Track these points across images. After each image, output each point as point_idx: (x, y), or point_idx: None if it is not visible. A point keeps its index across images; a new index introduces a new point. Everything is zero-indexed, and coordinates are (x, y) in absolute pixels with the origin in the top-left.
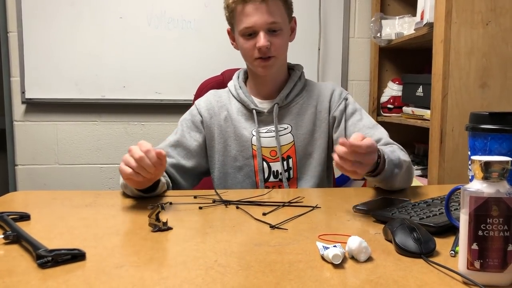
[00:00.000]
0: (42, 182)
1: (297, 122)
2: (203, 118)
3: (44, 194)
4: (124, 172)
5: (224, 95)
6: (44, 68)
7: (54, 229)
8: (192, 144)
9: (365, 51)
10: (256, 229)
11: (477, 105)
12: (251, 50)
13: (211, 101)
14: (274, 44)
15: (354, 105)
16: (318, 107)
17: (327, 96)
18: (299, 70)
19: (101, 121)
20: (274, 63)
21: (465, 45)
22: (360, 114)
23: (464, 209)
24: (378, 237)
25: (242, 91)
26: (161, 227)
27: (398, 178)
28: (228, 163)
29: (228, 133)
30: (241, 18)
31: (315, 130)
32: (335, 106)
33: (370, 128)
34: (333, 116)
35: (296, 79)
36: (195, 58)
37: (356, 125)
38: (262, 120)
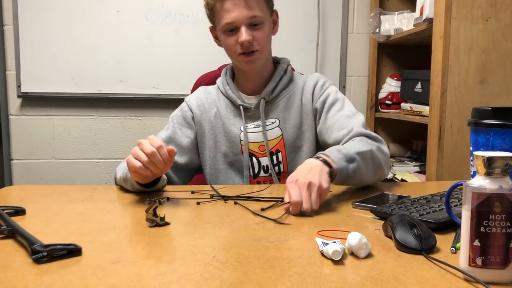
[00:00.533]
0: (38, 176)
1: (285, 116)
2: (194, 114)
3: (40, 188)
4: (133, 165)
5: (213, 92)
6: (40, 62)
7: (50, 224)
8: (184, 140)
9: (363, 46)
10: (255, 225)
11: (477, 101)
12: (234, 45)
13: (201, 97)
14: (256, 38)
15: (336, 95)
16: (303, 100)
17: (310, 88)
18: (285, 64)
19: (97, 115)
20: (258, 57)
21: (465, 41)
22: (341, 104)
23: (466, 205)
24: (377, 233)
25: (229, 87)
26: (158, 223)
27: (361, 170)
28: (219, 159)
29: (218, 129)
30: (221, 15)
31: (303, 123)
32: (316, 97)
33: (348, 117)
34: (315, 107)
35: (281, 73)
36: (193, 53)
37: (335, 116)
38: (250, 116)
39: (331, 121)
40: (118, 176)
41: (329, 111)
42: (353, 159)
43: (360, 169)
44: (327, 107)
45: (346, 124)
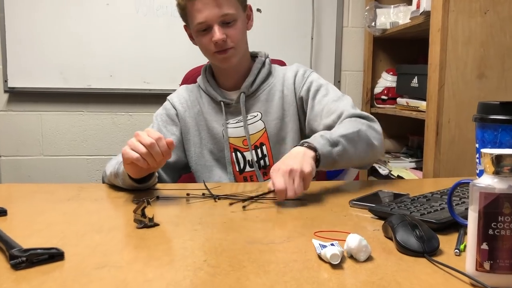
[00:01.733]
0: (27, 174)
1: (266, 108)
2: (177, 111)
3: (24, 187)
4: (130, 156)
5: (195, 90)
6: (28, 56)
7: (32, 225)
8: (170, 137)
9: (358, 41)
10: (248, 226)
11: (474, 96)
12: (208, 44)
13: (183, 95)
14: (230, 36)
15: (318, 81)
16: (284, 91)
17: (291, 78)
18: (262, 56)
19: (87, 111)
20: (233, 54)
21: (463, 34)
22: (326, 89)
23: (473, 205)
24: (377, 234)
25: (209, 85)
26: (147, 224)
27: (349, 153)
28: (205, 156)
29: (201, 126)
30: (193, 15)
31: (285, 115)
32: (299, 87)
33: (335, 101)
34: (300, 97)
35: (259, 65)
36: (185, 47)
37: (322, 102)
38: (231, 112)
39: (319, 108)
40: (108, 172)
41: (315, 97)
42: (337, 143)
43: (346, 151)
44: (312, 94)
45: (334, 109)
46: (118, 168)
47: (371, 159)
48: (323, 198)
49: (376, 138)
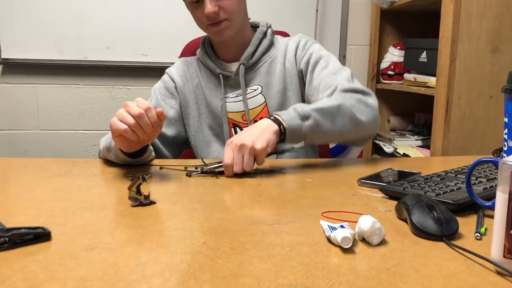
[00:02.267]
0: (22, 148)
1: (267, 81)
2: (176, 84)
3: (14, 161)
4: (118, 127)
5: (194, 63)
6: (22, 26)
7: (19, 202)
8: (169, 112)
9: (365, 13)
10: (250, 205)
11: (487, 71)
12: (201, 17)
13: (182, 68)
14: (223, 7)
15: (319, 52)
16: (286, 63)
17: (293, 50)
18: (264, 26)
19: (83, 84)
20: (228, 26)
21: (477, 6)
22: (326, 61)
23: (502, 186)
24: (390, 215)
25: (208, 57)
26: (142, 201)
27: (323, 127)
28: (204, 130)
29: (200, 100)
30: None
31: (287, 89)
32: (300, 58)
33: (333, 74)
34: (300, 69)
35: (260, 36)
36: (183, 18)
37: (320, 75)
38: (230, 85)
39: (317, 82)
40: (102, 146)
41: (314, 70)
42: (308, 116)
43: (319, 126)
44: (311, 66)
45: (331, 82)
46: (110, 142)
47: (357, 135)
48: (328, 176)
49: (365, 113)
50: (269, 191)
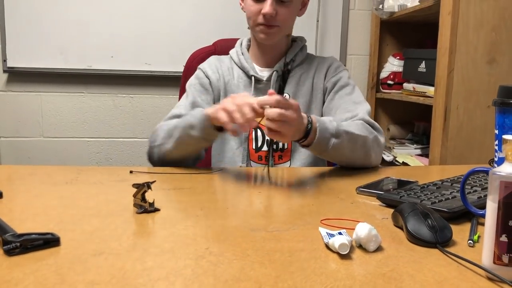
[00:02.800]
0: (26, 155)
1: (296, 91)
2: (210, 80)
3: (21, 169)
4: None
5: (226, 61)
6: (27, 35)
7: (28, 209)
8: (204, 107)
9: (365, 24)
10: (252, 212)
11: (484, 81)
12: (256, 14)
13: (215, 64)
14: (279, 14)
15: (348, 80)
16: (315, 78)
17: (324, 68)
18: (302, 42)
19: (87, 92)
20: (277, 33)
21: (474, 18)
22: (352, 89)
23: (492, 195)
24: (386, 223)
25: (244, 57)
26: (147, 208)
27: (342, 150)
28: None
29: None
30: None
31: (312, 101)
32: (329, 77)
33: (355, 103)
34: (326, 86)
35: (297, 49)
36: (187, 28)
37: (343, 98)
38: (260, 88)
39: (338, 102)
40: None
41: (338, 92)
42: (339, 135)
43: (342, 148)
44: (337, 88)
45: (351, 109)
46: (192, 120)
47: (359, 165)
48: (328, 184)
49: (376, 151)
50: (270, 199)
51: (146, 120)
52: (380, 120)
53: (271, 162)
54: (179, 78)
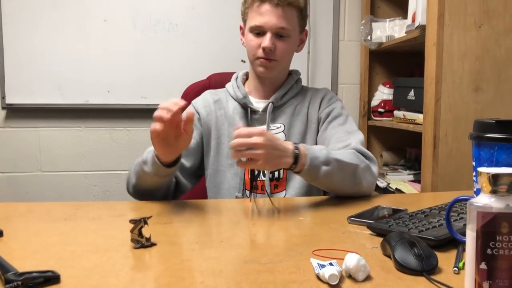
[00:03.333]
0: (24, 190)
1: (291, 122)
2: (200, 116)
3: (20, 206)
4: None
5: (221, 94)
6: (26, 72)
7: (28, 246)
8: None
9: (355, 54)
10: (245, 244)
11: (471, 109)
12: (256, 48)
13: (208, 98)
14: (278, 48)
15: (341, 110)
16: (309, 110)
17: (318, 100)
18: (297, 75)
19: (85, 126)
20: (275, 67)
21: (458, 48)
22: (344, 119)
23: (470, 224)
24: (376, 252)
25: (239, 90)
26: (144, 243)
27: (333, 177)
28: (220, 160)
29: (222, 130)
30: (254, 16)
31: (307, 132)
32: (323, 108)
33: (348, 133)
34: (320, 117)
35: (293, 82)
36: (182, 62)
37: (336, 128)
38: (256, 119)
39: (331, 132)
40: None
41: (331, 122)
42: (329, 163)
43: (332, 175)
44: (330, 118)
45: (344, 138)
46: (147, 155)
47: (350, 194)
48: (321, 214)
49: (368, 180)
50: (263, 231)
51: (142, 152)
52: (373, 147)
53: (268, 192)
54: None
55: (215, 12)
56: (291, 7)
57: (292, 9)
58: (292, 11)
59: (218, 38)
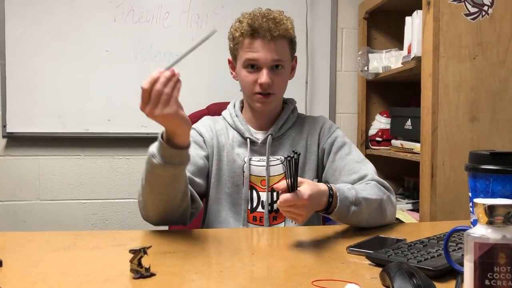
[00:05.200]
0: (22, 218)
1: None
2: (204, 138)
3: (19, 235)
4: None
5: (220, 121)
6: (27, 101)
7: (28, 277)
8: (199, 161)
9: (352, 84)
10: (244, 275)
11: (468, 138)
12: (252, 84)
13: (209, 124)
14: (275, 82)
15: (343, 138)
16: (308, 140)
17: (317, 129)
18: (292, 104)
19: (84, 155)
20: (273, 100)
21: (454, 79)
22: (349, 148)
23: (468, 255)
24: (375, 283)
25: (238, 119)
26: (143, 274)
27: (361, 215)
28: (219, 188)
29: (222, 157)
30: (246, 51)
31: (306, 163)
32: (324, 139)
33: (358, 162)
34: (323, 148)
35: (289, 112)
36: (181, 92)
37: (344, 159)
38: (255, 150)
39: (340, 164)
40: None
41: (337, 153)
42: (359, 203)
43: (360, 214)
44: (335, 149)
45: (357, 169)
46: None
47: (375, 226)
48: (320, 244)
49: (390, 212)
50: (262, 261)
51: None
52: None
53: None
54: None
55: (215, 43)
56: (283, 39)
57: (283, 41)
58: (284, 42)
59: (217, 68)
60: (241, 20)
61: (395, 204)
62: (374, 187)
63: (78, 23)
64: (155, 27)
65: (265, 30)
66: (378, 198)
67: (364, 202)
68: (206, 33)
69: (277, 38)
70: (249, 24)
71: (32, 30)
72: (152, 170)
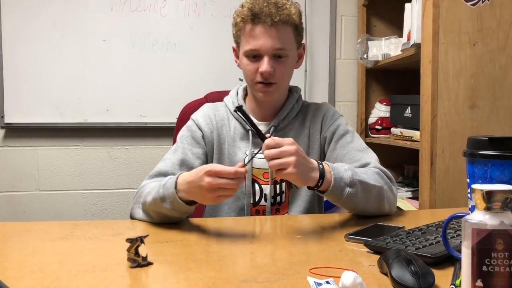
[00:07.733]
0: (22, 209)
1: None
2: (203, 133)
3: (17, 225)
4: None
5: (222, 110)
6: (25, 92)
7: (24, 266)
8: (195, 162)
9: (351, 72)
10: (243, 263)
11: (467, 126)
12: (254, 73)
13: (209, 115)
14: (277, 71)
15: (346, 127)
16: (311, 129)
17: (319, 117)
18: (297, 93)
19: (83, 145)
20: (276, 90)
21: (453, 66)
22: (352, 136)
23: (466, 241)
24: (372, 270)
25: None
26: (140, 263)
27: (357, 199)
28: None
29: (222, 150)
30: (248, 39)
31: (309, 153)
32: (326, 127)
33: (360, 151)
34: (324, 136)
35: (293, 102)
36: (180, 81)
37: (346, 147)
38: (257, 142)
39: (341, 152)
40: (149, 198)
41: (339, 141)
42: (354, 185)
43: (356, 197)
44: (337, 137)
45: (358, 158)
46: (164, 192)
47: (372, 214)
48: (318, 232)
49: (390, 202)
50: (261, 249)
51: (141, 170)
52: None
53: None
54: (172, 129)
55: (213, 31)
56: (286, 25)
57: (287, 27)
58: (287, 29)
59: (215, 57)
60: (243, 4)
61: (396, 196)
62: (375, 174)
63: (75, 13)
64: (153, 16)
65: (266, 15)
66: (377, 184)
67: (360, 185)
68: None
69: (278, 23)
70: (250, 9)
71: (29, 20)
72: (159, 208)
